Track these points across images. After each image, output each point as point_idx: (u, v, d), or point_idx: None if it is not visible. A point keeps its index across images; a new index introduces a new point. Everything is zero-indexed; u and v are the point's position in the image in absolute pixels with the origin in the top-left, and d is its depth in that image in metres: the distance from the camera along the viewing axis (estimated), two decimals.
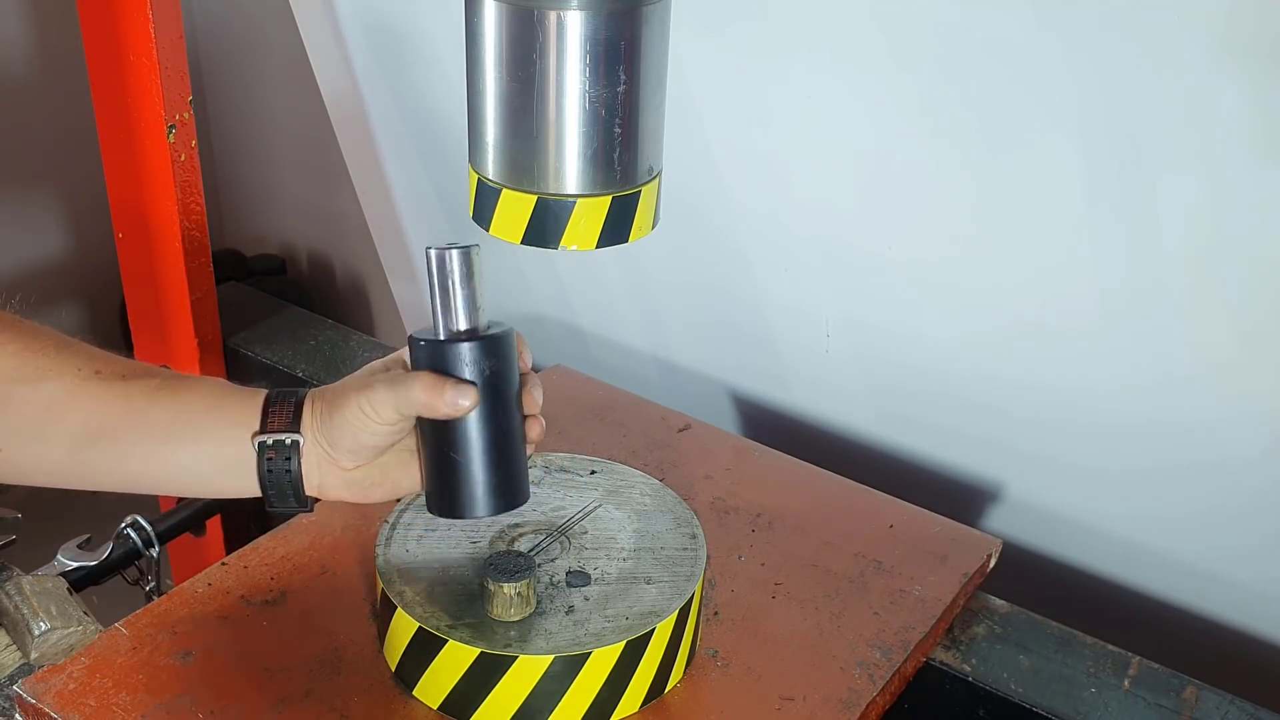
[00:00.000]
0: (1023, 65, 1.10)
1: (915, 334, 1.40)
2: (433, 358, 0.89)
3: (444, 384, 0.87)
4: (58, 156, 2.11)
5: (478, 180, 0.87)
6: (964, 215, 1.26)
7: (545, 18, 0.78)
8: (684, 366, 1.70)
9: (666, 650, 0.97)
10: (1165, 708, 1.08)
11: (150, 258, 1.60)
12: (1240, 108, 1.01)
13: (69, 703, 0.95)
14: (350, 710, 0.96)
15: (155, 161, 1.51)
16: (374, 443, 0.90)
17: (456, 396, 0.87)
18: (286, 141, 2.20)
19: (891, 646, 1.06)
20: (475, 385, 0.88)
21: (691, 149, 1.38)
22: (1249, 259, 1.10)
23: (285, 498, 0.91)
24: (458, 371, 0.88)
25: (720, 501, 1.25)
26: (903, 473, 1.54)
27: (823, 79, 1.24)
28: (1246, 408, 1.21)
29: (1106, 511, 1.41)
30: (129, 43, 1.44)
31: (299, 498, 0.91)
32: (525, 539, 1.04)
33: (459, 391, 0.87)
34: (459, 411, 0.87)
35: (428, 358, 0.89)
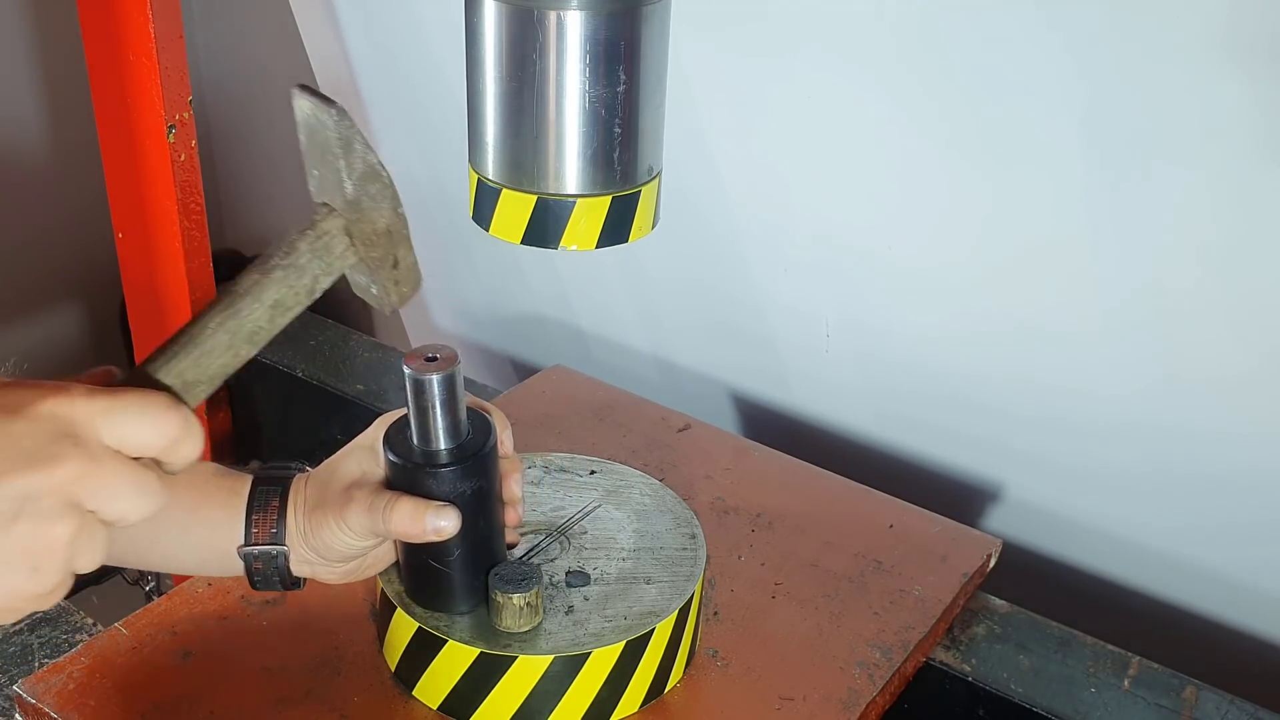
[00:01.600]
0: (1024, 66, 1.10)
1: (915, 334, 1.40)
2: (409, 481, 0.87)
3: (422, 513, 0.85)
4: (58, 157, 2.11)
5: (478, 180, 0.87)
6: (964, 216, 1.26)
7: (545, 17, 0.78)
8: (684, 366, 1.70)
9: (666, 650, 0.97)
10: (1165, 708, 1.08)
11: (150, 258, 1.59)
12: (1243, 108, 1.01)
13: (69, 703, 0.95)
14: (350, 710, 0.96)
15: (155, 161, 1.51)
16: (358, 553, 0.90)
17: (436, 521, 0.85)
18: (286, 141, 2.20)
19: (891, 646, 1.06)
20: (457, 506, 0.86)
21: (691, 149, 1.38)
22: (1252, 260, 1.10)
23: (273, 588, 0.91)
24: (437, 494, 0.86)
25: (720, 501, 1.25)
26: (903, 473, 1.54)
27: (823, 79, 1.24)
28: (1247, 410, 1.21)
29: (1106, 512, 1.41)
30: (129, 43, 1.44)
31: (286, 586, 0.91)
32: (525, 539, 1.04)
33: (439, 515, 0.85)
34: (440, 537, 0.86)
35: (403, 480, 0.87)
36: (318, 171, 0.74)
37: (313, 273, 0.71)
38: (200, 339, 0.66)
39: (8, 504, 0.53)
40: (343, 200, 0.72)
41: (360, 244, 0.73)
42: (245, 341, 0.67)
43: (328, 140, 0.71)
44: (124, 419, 0.57)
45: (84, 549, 0.56)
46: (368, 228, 0.73)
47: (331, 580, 0.93)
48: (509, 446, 0.94)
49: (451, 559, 0.90)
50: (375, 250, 0.74)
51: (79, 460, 0.54)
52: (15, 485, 0.53)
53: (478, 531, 0.90)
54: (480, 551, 0.92)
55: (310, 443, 1.69)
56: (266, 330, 0.69)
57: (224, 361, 0.67)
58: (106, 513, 0.56)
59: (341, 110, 0.71)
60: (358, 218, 0.73)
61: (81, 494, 0.55)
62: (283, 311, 0.70)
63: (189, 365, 0.65)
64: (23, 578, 0.54)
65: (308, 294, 0.71)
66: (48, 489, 0.54)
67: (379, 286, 0.76)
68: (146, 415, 0.57)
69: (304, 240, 0.72)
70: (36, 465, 0.53)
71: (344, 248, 0.73)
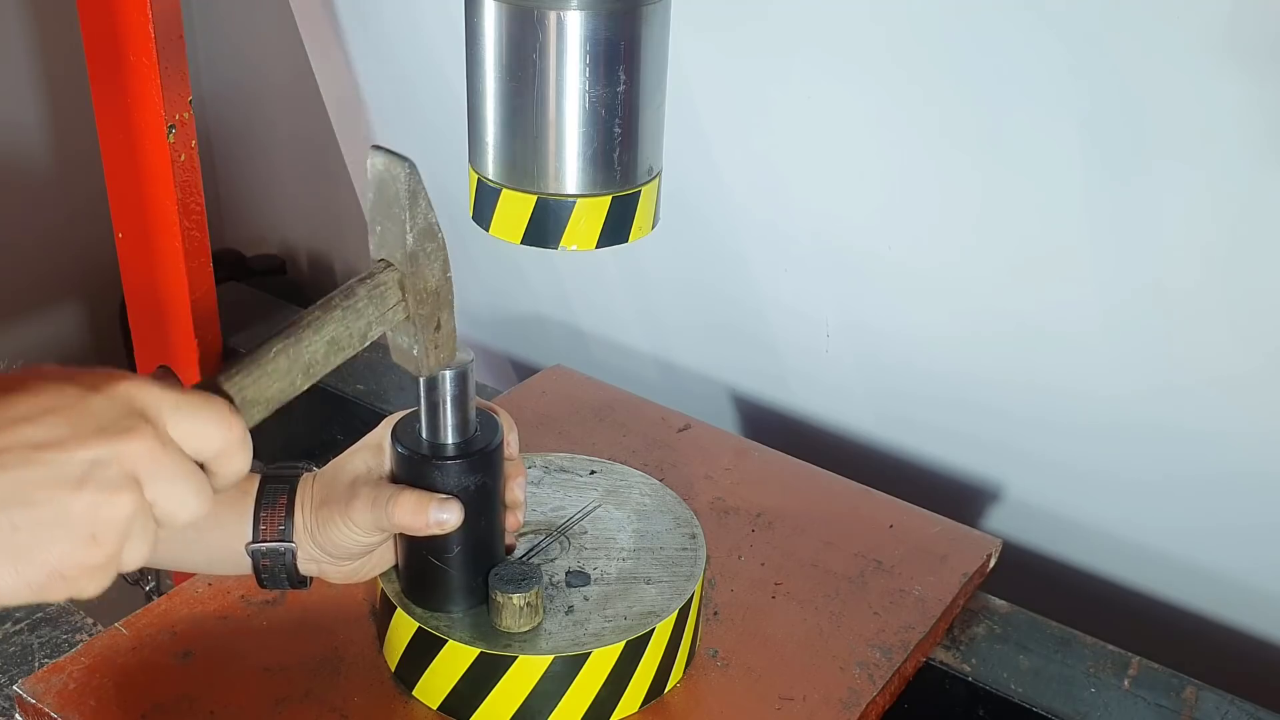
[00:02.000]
0: (1025, 67, 1.10)
1: (915, 334, 1.40)
2: (415, 474, 0.88)
3: (426, 504, 0.86)
4: (58, 157, 2.11)
5: (478, 180, 0.87)
6: (965, 216, 1.26)
7: (545, 17, 0.78)
8: (684, 366, 1.70)
9: (666, 650, 0.97)
10: (1165, 708, 1.08)
11: (150, 258, 1.59)
12: (1243, 108, 1.01)
13: (69, 703, 0.95)
14: (350, 710, 0.96)
15: (155, 161, 1.51)
16: (363, 550, 0.91)
17: (440, 514, 0.86)
18: (286, 141, 2.20)
19: (891, 646, 1.06)
20: (459, 500, 0.87)
21: (691, 149, 1.38)
22: (1252, 260, 1.10)
23: (280, 586, 0.92)
24: (441, 487, 0.87)
25: (720, 501, 1.25)
26: (903, 473, 1.54)
27: (823, 80, 1.24)
28: (1247, 410, 1.21)
29: (1106, 512, 1.41)
30: (129, 43, 1.44)
31: (294, 584, 0.91)
32: (525, 539, 1.04)
33: (442, 509, 0.86)
34: (442, 529, 0.87)
35: (410, 472, 0.88)
36: (380, 227, 0.79)
37: (368, 318, 0.77)
38: (262, 361, 0.69)
39: (77, 468, 0.55)
40: (401, 255, 0.77)
41: (411, 299, 0.78)
42: (301, 372, 0.72)
43: (397, 193, 0.77)
44: (192, 415, 0.60)
45: (137, 534, 0.57)
46: (420, 284, 0.78)
47: (337, 579, 0.93)
48: (515, 449, 0.95)
49: (450, 556, 0.91)
50: (424, 308, 0.79)
51: (150, 439, 0.57)
52: (88, 451, 0.55)
53: (478, 530, 0.91)
54: (479, 551, 0.92)
55: (311, 443, 1.69)
56: (321, 365, 0.74)
57: (281, 387, 0.70)
58: (162, 504, 0.58)
59: (413, 166, 0.77)
60: (413, 273, 0.78)
61: (145, 473, 0.57)
62: (337, 350, 0.75)
63: (249, 383, 0.68)
64: (81, 543, 0.55)
65: (360, 338, 0.77)
66: (116, 459, 0.56)
67: (420, 348, 0.81)
68: (212, 415, 0.61)
69: (363, 287, 0.77)
70: (109, 436, 0.56)
71: (396, 300, 0.78)
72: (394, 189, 0.77)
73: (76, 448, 0.55)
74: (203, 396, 0.61)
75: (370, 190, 0.79)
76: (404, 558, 0.94)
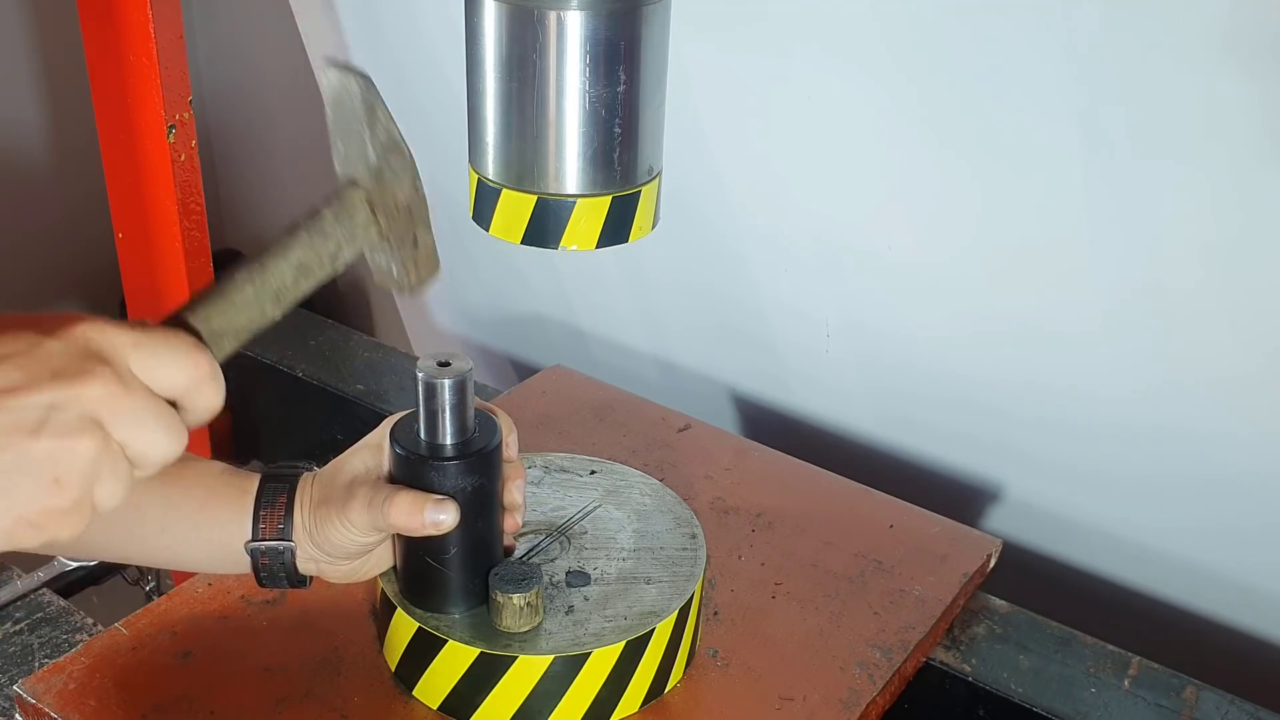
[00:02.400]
0: (1025, 67, 1.10)
1: (915, 334, 1.40)
2: (413, 474, 0.88)
3: (421, 505, 0.86)
4: (58, 157, 2.11)
5: (478, 180, 0.87)
6: (965, 216, 1.26)
7: (545, 17, 0.78)
8: (684, 366, 1.70)
9: (666, 650, 0.97)
10: (1165, 708, 1.08)
11: (150, 258, 1.60)
12: (1243, 108, 1.01)
13: (69, 703, 0.95)
14: (350, 710, 0.96)
15: (155, 161, 1.51)
16: (361, 549, 0.91)
17: (436, 514, 0.86)
18: (286, 141, 2.20)
19: (891, 646, 1.06)
20: (456, 501, 0.87)
21: (691, 149, 1.38)
22: (1252, 260, 1.10)
23: (280, 585, 0.92)
24: (439, 487, 0.87)
25: (720, 501, 1.25)
26: (903, 473, 1.54)
27: (823, 80, 1.24)
28: (1247, 410, 1.21)
29: (1106, 512, 1.41)
30: (129, 43, 1.44)
31: (293, 583, 0.91)
32: (525, 539, 1.04)
33: (438, 509, 0.86)
34: (438, 530, 0.87)
35: (407, 473, 0.88)
36: (342, 145, 0.76)
37: (336, 239, 0.74)
38: (228, 291, 0.67)
39: (34, 413, 0.54)
40: (366, 171, 0.75)
41: (382, 217, 0.76)
42: (270, 299, 0.69)
43: (354, 109, 0.74)
44: (153, 352, 0.58)
45: (106, 475, 0.56)
46: (389, 201, 0.76)
47: (336, 579, 0.93)
48: (514, 451, 0.94)
49: (448, 557, 0.90)
50: (396, 225, 0.77)
51: (107, 380, 0.56)
52: (43, 396, 0.54)
53: (476, 531, 0.91)
54: (477, 553, 0.92)
55: (310, 443, 1.69)
56: (291, 291, 0.71)
57: (250, 316, 0.68)
58: (132, 446, 0.57)
59: (368, 78, 0.74)
60: (380, 190, 0.75)
61: (107, 414, 0.56)
62: (306, 274, 0.72)
63: (216, 314, 0.66)
64: (43, 488, 0.55)
65: (330, 260, 0.74)
66: (73, 402, 0.55)
67: (399, 266, 0.78)
68: (175, 352, 0.59)
69: (328, 208, 0.74)
70: (65, 379, 0.55)
71: (366, 218, 0.75)
72: (350, 105, 0.74)
73: (31, 393, 0.54)
74: (164, 333, 0.60)
75: (328, 109, 0.76)
76: (402, 559, 0.94)
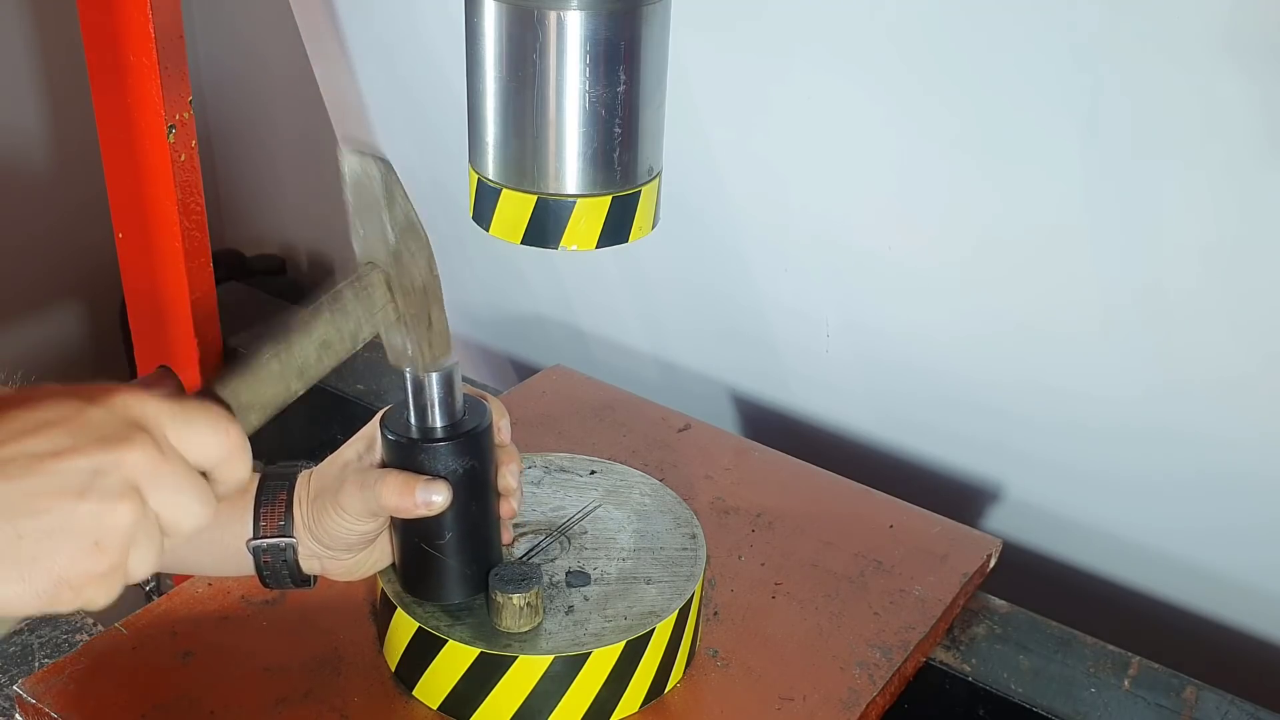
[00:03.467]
0: (1025, 66, 1.10)
1: (916, 334, 1.40)
2: (404, 458, 0.87)
3: (413, 486, 0.86)
4: (57, 157, 2.11)
5: (478, 180, 0.87)
6: (965, 216, 1.26)
7: (545, 17, 0.78)
8: (684, 366, 1.70)
9: (666, 650, 0.97)
10: (1165, 708, 1.08)
11: (150, 258, 1.59)
12: (1243, 108, 1.01)
13: (69, 703, 0.95)
14: (350, 710, 0.96)
15: (155, 161, 1.51)
16: (359, 540, 0.90)
17: (428, 495, 0.86)
18: (286, 141, 2.20)
19: (891, 646, 1.06)
20: (447, 481, 0.87)
21: (691, 149, 1.38)
22: (1252, 261, 1.10)
23: (283, 585, 0.91)
24: (430, 470, 0.87)
25: (720, 501, 1.25)
26: (903, 473, 1.54)
27: (823, 79, 1.24)
28: (1247, 411, 1.21)
29: (1106, 512, 1.41)
30: (129, 43, 1.44)
31: (296, 583, 0.91)
32: (525, 539, 1.04)
33: (430, 489, 0.86)
34: (431, 510, 0.86)
35: (399, 457, 0.88)
36: (363, 230, 0.79)
37: (356, 318, 0.77)
38: (255, 366, 0.70)
39: (78, 478, 0.56)
40: (385, 254, 0.78)
41: (399, 298, 0.79)
42: (295, 375, 0.72)
43: (374, 195, 0.77)
44: (189, 423, 0.61)
45: (142, 541, 0.58)
46: (406, 282, 0.79)
47: (339, 575, 0.93)
48: (506, 436, 0.94)
49: (444, 543, 0.90)
50: (412, 306, 0.80)
51: (148, 448, 0.58)
52: (89, 460, 0.56)
53: (470, 515, 0.90)
54: (474, 538, 0.92)
55: (310, 443, 1.69)
56: (314, 368, 0.74)
57: (275, 390, 0.71)
58: (166, 514, 0.59)
59: (387, 163, 0.77)
60: (398, 271, 0.78)
61: (146, 481, 0.58)
62: (329, 352, 0.76)
63: (244, 388, 0.69)
64: (85, 551, 0.56)
65: (351, 339, 0.77)
66: (116, 468, 0.57)
67: (414, 346, 0.81)
68: (210, 423, 0.62)
69: (349, 289, 0.78)
70: (109, 446, 0.57)
71: (384, 299, 0.79)
72: (371, 190, 0.77)
73: (77, 457, 0.56)
74: (200, 405, 0.62)
75: (348, 193, 0.79)
76: (399, 548, 0.93)
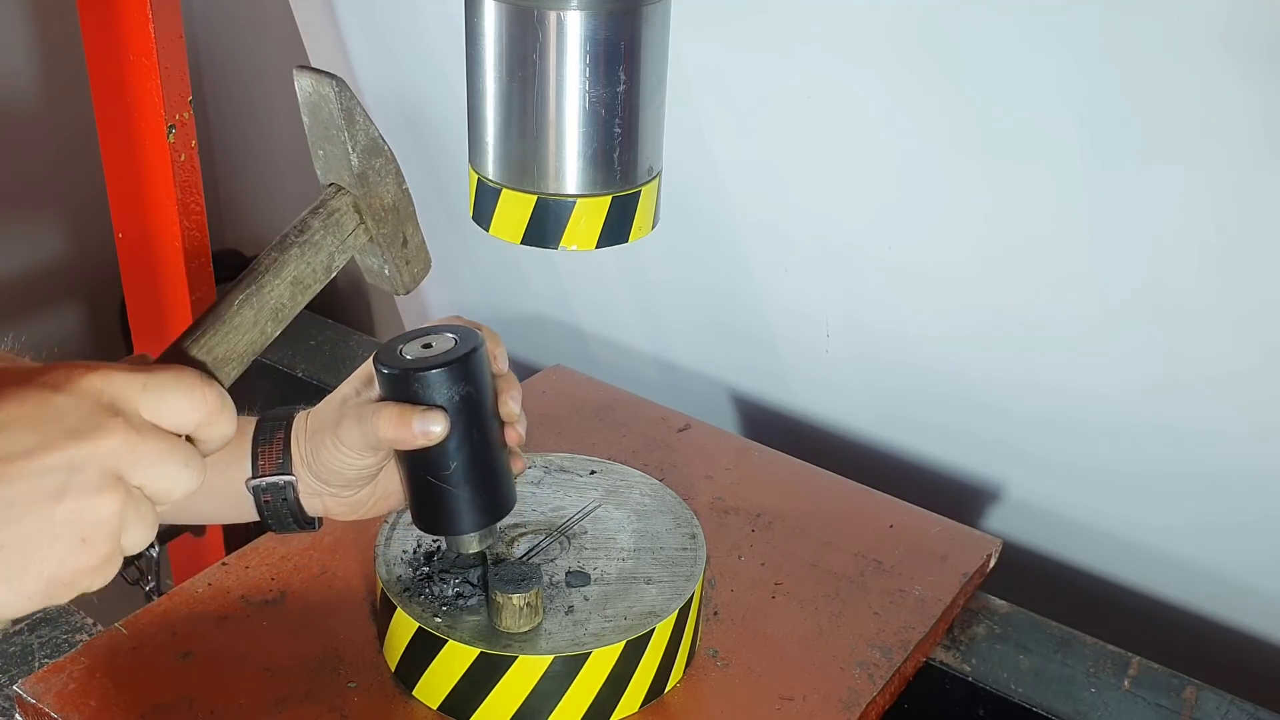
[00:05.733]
0: (1024, 66, 1.10)
1: (916, 334, 1.40)
2: (397, 388, 0.86)
3: (409, 415, 0.84)
4: (57, 157, 2.11)
5: (477, 180, 0.87)
6: (964, 216, 1.26)
7: (545, 17, 0.78)
8: (684, 366, 1.70)
9: (666, 650, 0.97)
10: (1165, 708, 1.08)
11: (150, 258, 1.59)
12: (1243, 108, 1.01)
13: (69, 703, 0.95)
14: (350, 710, 0.96)
15: (155, 161, 1.51)
16: (359, 475, 0.89)
17: (425, 425, 0.84)
18: (286, 141, 2.20)
19: (891, 646, 1.06)
20: (445, 410, 0.85)
21: (691, 149, 1.38)
22: (1252, 260, 1.10)
23: (287, 527, 0.90)
24: (425, 399, 0.85)
25: (720, 501, 1.25)
26: (903, 473, 1.54)
27: (823, 79, 1.24)
28: (1247, 409, 1.21)
29: (1106, 512, 1.41)
30: (129, 43, 1.44)
31: (300, 524, 0.90)
32: (525, 539, 1.04)
33: (427, 419, 0.84)
34: (430, 440, 0.84)
35: (392, 389, 0.86)
36: (323, 151, 0.75)
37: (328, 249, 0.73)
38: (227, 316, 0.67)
39: (54, 476, 0.54)
40: (349, 176, 0.74)
41: (370, 220, 0.76)
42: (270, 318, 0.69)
43: (330, 114, 0.73)
44: (162, 394, 0.58)
45: (132, 523, 0.57)
46: (375, 203, 0.75)
47: (342, 514, 0.91)
48: (503, 364, 0.92)
49: (449, 473, 0.87)
50: (384, 226, 0.76)
51: (123, 432, 0.56)
52: (61, 457, 0.54)
53: (474, 443, 0.87)
54: (480, 466, 0.89)
55: None
56: (289, 307, 0.71)
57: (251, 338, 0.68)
58: (152, 487, 0.58)
59: (341, 81, 0.73)
60: (365, 193, 0.75)
61: (126, 466, 0.56)
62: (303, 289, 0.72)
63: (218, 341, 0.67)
64: (72, 550, 0.54)
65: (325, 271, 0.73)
66: (92, 460, 0.55)
67: (391, 266, 0.78)
68: (184, 390, 0.59)
69: (316, 218, 0.74)
70: (81, 438, 0.55)
71: (355, 224, 0.75)
72: (327, 110, 0.73)
73: (49, 455, 0.54)
74: (171, 372, 0.59)
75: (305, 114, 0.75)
76: (409, 486, 0.90)
